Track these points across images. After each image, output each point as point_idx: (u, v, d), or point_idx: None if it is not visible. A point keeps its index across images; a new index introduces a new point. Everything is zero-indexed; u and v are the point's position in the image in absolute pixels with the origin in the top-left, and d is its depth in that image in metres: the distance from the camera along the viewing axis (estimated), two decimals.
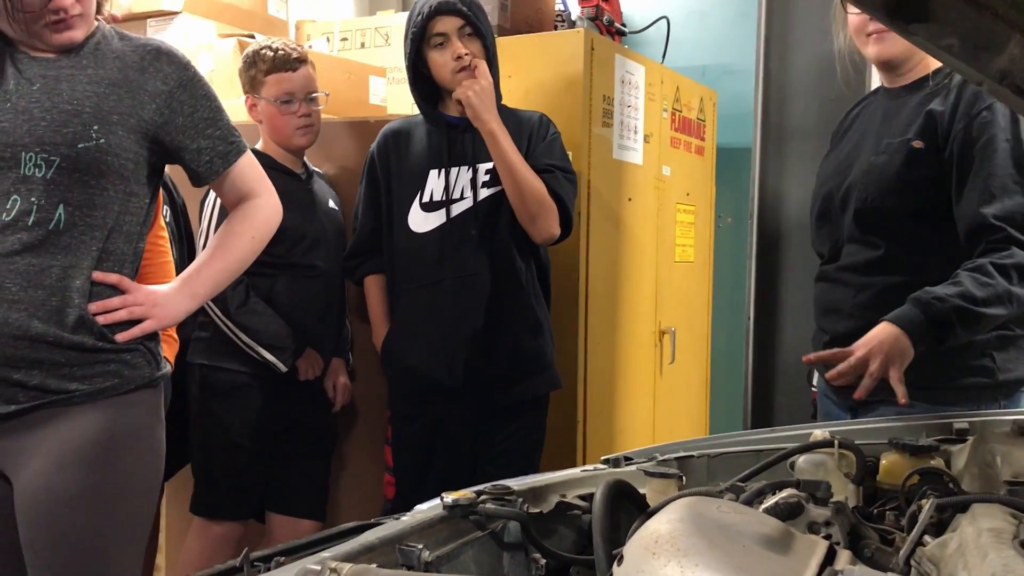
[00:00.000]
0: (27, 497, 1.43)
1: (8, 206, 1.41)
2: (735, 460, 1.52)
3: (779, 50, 3.81)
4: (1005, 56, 1.01)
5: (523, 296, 2.23)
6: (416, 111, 2.35)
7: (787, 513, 1.09)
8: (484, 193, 2.21)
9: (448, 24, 2.17)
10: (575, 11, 2.99)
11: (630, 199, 2.92)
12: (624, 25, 3.22)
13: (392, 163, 2.29)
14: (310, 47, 4.10)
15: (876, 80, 3.59)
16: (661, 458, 1.54)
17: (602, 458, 1.57)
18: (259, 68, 2.36)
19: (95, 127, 1.44)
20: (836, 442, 1.35)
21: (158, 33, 3.66)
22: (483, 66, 2.17)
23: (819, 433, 1.49)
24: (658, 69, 3.12)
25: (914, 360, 1.74)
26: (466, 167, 2.22)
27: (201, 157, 1.58)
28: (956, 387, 1.72)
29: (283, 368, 2.33)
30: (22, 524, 1.44)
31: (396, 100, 3.25)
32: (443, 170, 2.22)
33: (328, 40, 4.12)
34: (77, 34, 1.48)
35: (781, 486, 1.14)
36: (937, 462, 1.39)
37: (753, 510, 1.01)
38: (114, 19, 1.83)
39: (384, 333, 2.30)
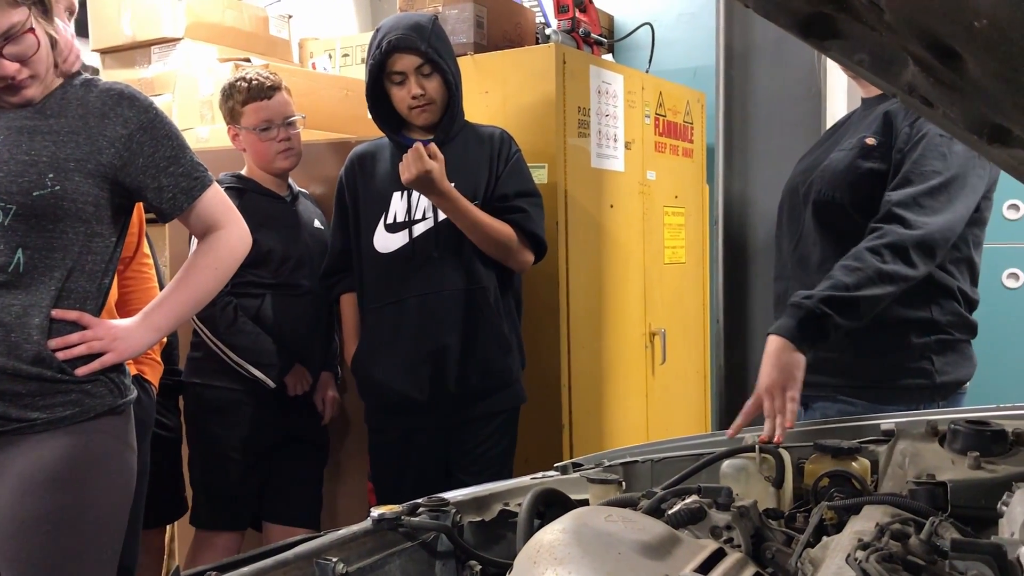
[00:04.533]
0: None
1: None
2: (677, 464, 1.59)
3: (741, 53, 3.81)
4: (909, 71, 1.07)
5: (488, 312, 2.27)
6: None
7: (688, 519, 1.16)
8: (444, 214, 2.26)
9: (406, 63, 2.21)
10: (552, 24, 3.05)
11: (612, 206, 2.98)
12: (604, 35, 3.27)
13: (359, 186, 2.35)
14: (313, 64, 4.22)
15: (832, 83, 3.61)
16: (608, 464, 1.62)
17: (554, 465, 1.65)
18: (236, 99, 2.46)
19: (50, 175, 1.53)
20: (757, 447, 1.41)
21: (162, 60, 3.79)
22: (418, 147, 2.12)
23: (749, 438, 1.56)
24: (639, 77, 3.17)
25: (856, 361, 1.81)
26: None
27: (163, 195, 1.65)
28: (896, 387, 1.79)
29: (271, 384, 2.43)
30: None
31: None
32: (405, 192, 2.27)
33: (330, 57, 4.22)
34: (30, 92, 1.57)
35: (684, 493, 1.21)
36: (862, 463, 1.44)
37: (642, 517, 1.08)
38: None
39: (354, 349, 2.37)
